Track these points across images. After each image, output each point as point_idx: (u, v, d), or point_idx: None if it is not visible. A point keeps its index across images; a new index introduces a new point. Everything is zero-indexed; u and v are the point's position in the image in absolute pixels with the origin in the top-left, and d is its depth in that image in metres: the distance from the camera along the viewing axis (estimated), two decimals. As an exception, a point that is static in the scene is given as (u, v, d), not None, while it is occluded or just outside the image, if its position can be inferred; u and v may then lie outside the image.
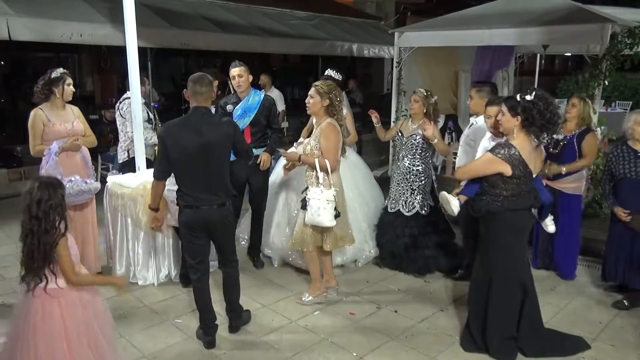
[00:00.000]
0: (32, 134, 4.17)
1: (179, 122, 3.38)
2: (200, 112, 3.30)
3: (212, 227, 3.37)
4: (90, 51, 9.95)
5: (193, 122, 3.27)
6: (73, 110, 4.37)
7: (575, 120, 4.37)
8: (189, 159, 3.21)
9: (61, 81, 4.18)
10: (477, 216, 3.36)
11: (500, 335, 3.37)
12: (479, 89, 4.21)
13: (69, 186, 4.13)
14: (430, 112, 4.53)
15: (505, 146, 3.14)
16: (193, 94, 3.30)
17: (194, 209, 3.29)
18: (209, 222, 3.34)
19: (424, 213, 4.63)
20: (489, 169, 3.18)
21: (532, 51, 9.37)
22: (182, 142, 3.20)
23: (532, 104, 3.05)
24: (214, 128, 3.30)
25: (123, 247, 4.42)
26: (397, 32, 7.03)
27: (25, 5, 6.03)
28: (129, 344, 3.51)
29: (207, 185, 3.28)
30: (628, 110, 12.23)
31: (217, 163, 3.30)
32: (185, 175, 3.28)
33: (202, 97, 3.30)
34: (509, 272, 3.32)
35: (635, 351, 3.48)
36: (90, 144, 4.48)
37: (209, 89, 3.33)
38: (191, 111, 3.32)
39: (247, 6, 9.40)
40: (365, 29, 11.31)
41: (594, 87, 5.26)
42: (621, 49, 5.12)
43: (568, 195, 4.40)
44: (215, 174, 3.30)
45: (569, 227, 4.42)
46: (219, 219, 3.36)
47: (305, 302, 4.09)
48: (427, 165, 4.65)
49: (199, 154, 3.20)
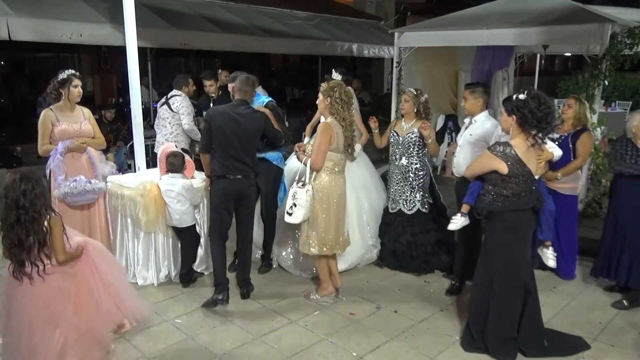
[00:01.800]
0: (41, 133, 4.20)
1: (223, 109, 4.02)
2: (241, 105, 4.00)
3: (239, 194, 3.98)
4: (90, 51, 9.96)
5: (233, 111, 3.96)
6: (83, 112, 4.39)
7: (572, 120, 4.39)
8: (226, 139, 3.90)
9: (68, 83, 4.20)
10: (480, 218, 3.37)
11: (500, 335, 3.37)
12: (472, 90, 4.23)
13: (72, 186, 4.15)
14: (421, 110, 4.56)
15: (502, 144, 3.20)
16: (239, 90, 4.02)
17: (227, 179, 3.93)
18: (237, 189, 3.97)
19: (425, 211, 4.65)
20: (487, 166, 3.23)
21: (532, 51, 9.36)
22: (222, 125, 3.90)
23: (524, 103, 3.10)
24: (248, 119, 3.96)
25: (123, 247, 4.42)
26: (397, 32, 7.03)
27: (25, 5, 6.03)
28: (129, 344, 3.50)
29: (237, 160, 3.94)
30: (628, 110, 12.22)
31: (246, 145, 3.97)
32: (222, 150, 3.93)
33: (245, 94, 4.04)
34: (511, 273, 3.32)
35: (635, 351, 3.48)
36: (98, 145, 4.50)
37: (252, 89, 4.10)
38: (235, 102, 4.04)
39: (247, 6, 9.41)
40: (365, 29, 11.31)
41: (594, 87, 5.26)
42: (621, 49, 5.12)
43: (564, 195, 4.40)
44: (244, 153, 3.95)
45: (567, 228, 4.42)
46: (245, 186, 4.01)
47: (312, 299, 4.11)
48: (424, 162, 4.67)
49: (233, 137, 3.89)
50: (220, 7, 8.98)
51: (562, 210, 4.33)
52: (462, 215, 3.72)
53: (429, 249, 4.65)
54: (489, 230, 3.38)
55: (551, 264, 3.68)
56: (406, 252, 4.66)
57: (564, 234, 4.40)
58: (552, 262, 3.66)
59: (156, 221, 4.26)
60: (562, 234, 4.37)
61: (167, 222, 4.30)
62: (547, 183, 4.32)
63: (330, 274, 4.13)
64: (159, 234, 4.34)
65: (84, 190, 4.19)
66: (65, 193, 4.13)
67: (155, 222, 4.26)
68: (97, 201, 4.41)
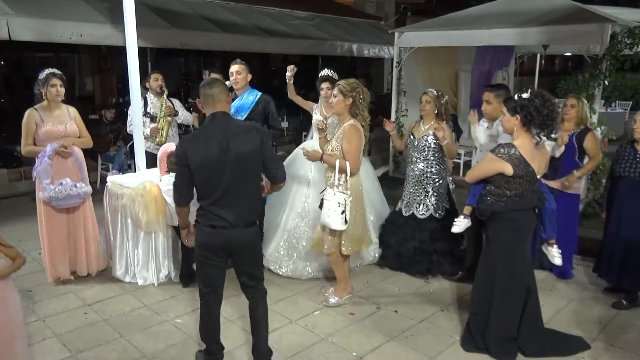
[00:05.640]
0: (24, 133, 4.15)
1: (196, 135, 3.09)
2: (219, 119, 2.87)
3: (236, 251, 2.96)
4: (90, 51, 9.95)
5: (212, 132, 2.83)
6: (69, 111, 4.33)
7: (575, 119, 4.38)
8: (211, 174, 2.80)
9: (46, 82, 4.14)
10: (482, 219, 3.37)
11: (501, 335, 3.37)
12: (497, 93, 4.08)
13: (57, 190, 4.12)
14: (442, 112, 4.44)
15: (506, 146, 3.18)
16: (205, 99, 2.88)
17: (217, 229, 2.85)
18: (233, 245, 2.92)
19: (438, 216, 4.54)
20: (492, 169, 3.21)
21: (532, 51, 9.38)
22: (201, 156, 2.77)
23: (529, 102, 3.10)
24: (239, 135, 2.84)
25: (123, 247, 4.42)
26: (397, 32, 7.03)
27: (25, 5, 6.03)
28: (129, 344, 3.51)
29: (232, 202, 2.85)
30: (628, 110, 12.22)
31: (244, 175, 2.85)
32: (207, 190, 2.85)
33: (217, 100, 2.87)
34: (514, 273, 3.32)
35: (635, 351, 3.48)
36: (84, 144, 4.43)
37: (222, 89, 2.91)
38: (208, 119, 2.90)
39: (247, 6, 9.41)
40: (365, 29, 11.31)
41: (594, 87, 5.27)
42: (621, 49, 5.13)
43: (567, 195, 4.40)
44: (242, 188, 2.86)
45: (567, 227, 4.40)
46: (246, 241, 2.94)
47: (332, 304, 4.07)
48: (442, 166, 4.54)
49: (221, 167, 2.78)
50: (220, 7, 8.98)
51: (564, 209, 4.33)
52: (465, 217, 3.71)
53: (434, 258, 4.58)
54: (491, 231, 3.38)
55: (557, 262, 3.66)
56: (411, 257, 4.61)
57: (564, 232, 4.38)
58: (558, 260, 3.65)
59: (156, 221, 4.26)
60: (563, 232, 4.35)
61: (168, 222, 4.30)
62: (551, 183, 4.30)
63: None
64: (159, 233, 4.34)
65: (69, 195, 4.16)
66: (50, 197, 4.11)
67: (155, 222, 4.26)
68: (82, 204, 4.39)
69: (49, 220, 4.28)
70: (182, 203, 2.98)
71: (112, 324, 3.77)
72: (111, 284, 4.42)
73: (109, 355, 3.38)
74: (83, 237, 4.44)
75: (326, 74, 4.81)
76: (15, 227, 5.60)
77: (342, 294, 4.11)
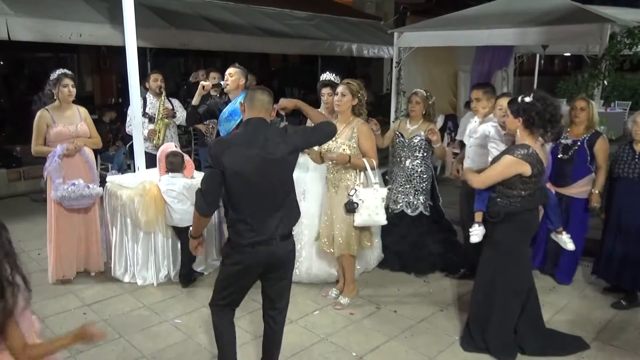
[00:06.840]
0: (35, 134, 4.18)
1: (234, 138, 2.83)
2: (254, 124, 2.64)
3: (272, 266, 2.70)
4: (89, 51, 9.94)
5: (251, 137, 2.60)
6: (80, 112, 4.36)
7: (585, 123, 4.24)
8: (249, 183, 2.55)
9: (57, 82, 4.17)
10: (495, 221, 3.29)
11: (501, 335, 3.37)
12: (485, 90, 4.15)
13: (70, 190, 4.13)
14: (430, 113, 4.54)
15: (521, 147, 3.14)
16: (253, 103, 2.67)
17: (257, 247, 2.59)
18: (274, 260, 2.68)
19: (427, 213, 4.62)
20: (511, 171, 3.14)
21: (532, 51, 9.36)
22: (240, 162, 2.52)
23: (531, 105, 3.09)
24: (277, 141, 2.61)
25: (122, 247, 4.42)
26: (396, 32, 7.03)
27: (25, 5, 6.02)
28: (128, 344, 3.51)
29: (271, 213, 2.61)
30: (627, 110, 12.23)
31: (283, 183, 2.67)
32: (244, 201, 2.59)
33: (265, 108, 2.68)
34: (519, 273, 3.32)
35: (634, 351, 3.48)
36: (94, 145, 4.48)
37: (271, 99, 2.73)
38: (244, 124, 2.70)
39: (247, 6, 9.40)
40: (365, 29, 11.31)
41: (593, 87, 5.26)
42: (620, 49, 5.12)
43: (579, 200, 4.30)
44: (281, 198, 2.65)
45: (578, 233, 4.25)
46: (283, 255, 2.71)
47: (344, 304, 4.08)
48: (428, 165, 4.64)
49: (262, 176, 2.56)
50: (220, 7, 8.97)
51: (577, 215, 4.30)
52: (479, 225, 3.53)
53: (434, 250, 4.62)
54: (500, 232, 3.31)
55: (570, 247, 3.68)
56: (411, 253, 4.63)
57: (575, 238, 4.29)
58: (571, 245, 3.66)
59: (156, 221, 4.26)
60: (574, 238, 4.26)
61: (167, 222, 4.30)
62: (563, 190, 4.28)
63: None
64: (158, 234, 4.33)
65: (81, 195, 4.18)
66: (62, 197, 4.12)
67: (155, 222, 4.26)
68: (93, 205, 4.41)
69: (59, 220, 4.28)
70: (206, 212, 2.65)
71: (111, 324, 3.77)
72: (111, 284, 4.42)
73: (108, 355, 3.38)
74: (93, 237, 4.47)
75: (328, 78, 4.64)
76: (14, 227, 5.53)
77: (352, 293, 4.16)
